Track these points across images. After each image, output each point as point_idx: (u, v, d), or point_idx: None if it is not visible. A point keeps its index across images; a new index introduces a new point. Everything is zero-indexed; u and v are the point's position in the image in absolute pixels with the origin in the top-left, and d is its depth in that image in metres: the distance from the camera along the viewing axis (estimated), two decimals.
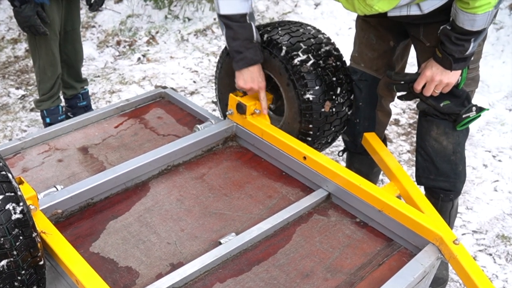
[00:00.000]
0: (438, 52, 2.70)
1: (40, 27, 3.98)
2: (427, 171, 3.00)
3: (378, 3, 2.50)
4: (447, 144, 2.91)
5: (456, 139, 2.90)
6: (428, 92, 2.80)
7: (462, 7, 2.46)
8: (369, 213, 2.57)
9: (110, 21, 7.03)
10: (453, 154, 2.92)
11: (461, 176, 2.99)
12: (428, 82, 2.77)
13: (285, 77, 2.96)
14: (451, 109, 2.82)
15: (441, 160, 2.93)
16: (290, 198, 2.77)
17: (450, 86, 2.76)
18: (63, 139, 3.16)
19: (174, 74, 5.93)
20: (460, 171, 2.97)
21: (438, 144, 2.92)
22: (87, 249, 2.41)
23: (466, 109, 2.80)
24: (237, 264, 2.36)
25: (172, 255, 2.40)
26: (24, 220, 1.97)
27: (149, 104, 3.54)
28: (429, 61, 2.77)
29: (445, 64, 2.68)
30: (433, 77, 2.73)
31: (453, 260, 2.28)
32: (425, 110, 2.91)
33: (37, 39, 4.19)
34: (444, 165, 2.94)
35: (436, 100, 2.84)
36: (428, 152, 2.97)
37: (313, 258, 2.41)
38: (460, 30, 2.55)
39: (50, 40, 4.21)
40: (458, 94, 2.82)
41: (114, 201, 2.70)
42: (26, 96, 5.48)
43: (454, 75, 2.71)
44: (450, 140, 2.90)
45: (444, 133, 2.90)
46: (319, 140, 3.11)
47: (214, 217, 2.62)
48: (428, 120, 2.93)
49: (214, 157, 3.05)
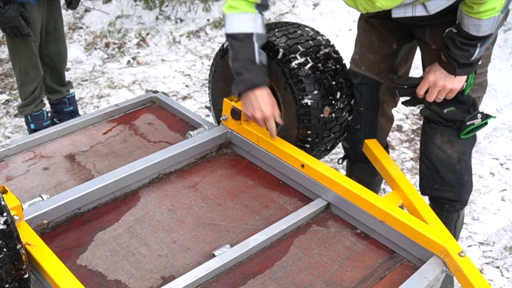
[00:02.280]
0: (442, 56, 2.70)
1: (23, 28, 3.98)
2: (432, 181, 3.00)
3: (381, 0, 2.51)
4: (451, 152, 2.90)
5: (461, 147, 2.89)
6: (430, 97, 2.79)
7: (467, 11, 2.46)
8: (371, 224, 2.58)
9: (98, 22, 7.04)
10: (458, 163, 2.91)
11: (467, 186, 2.98)
12: (431, 87, 2.77)
13: (282, 81, 2.97)
14: (455, 116, 2.81)
15: (446, 169, 2.93)
16: (288, 208, 2.77)
17: (454, 92, 2.75)
18: (49, 146, 3.17)
19: (165, 77, 5.93)
20: (466, 181, 2.96)
21: (443, 152, 2.92)
22: (74, 261, 2.42)
23: (471, 116, 2.80)
24: (232, 278, 2.36)
25: (164, 268, 2.40)
26: (8, 231, 1.97)
27: (139, 109, 3.55)
28: (433, 65, 2.77)
29: (449, 69, 2.68)
30: (436, 82, 2.73)
31: (459, 273, 2.29)
32: (429, 116, 2.90)
33: (16, 41, 4.19)
34: (449, 175, 2.94)
35: (440, 106, 2.83)
36: (432, 161, 2.97)
37: (311, 271, 2.41)
38: (465, 35, 2.55)
39: (31, 41, 4.21)
40: (463, 100, 2.81)
41: (102, 211, 2.70)
42: (10, 101, 5.48)
43: (458, 81, 2.71)
44: (455, 148, 2.89)
45: (449, 141, 2.89)
46: (318, 147, 3.11)
47: (207, 228, 2.62)
48: (432, 127, 2.93)
49: (207, 165, 3.06)
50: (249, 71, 2.77)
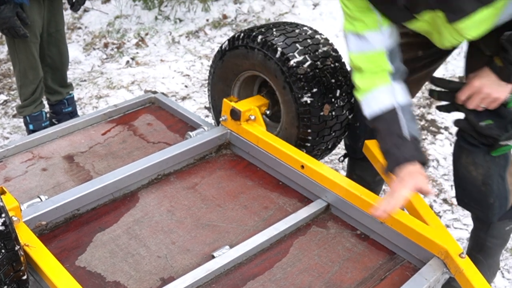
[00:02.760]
0: (498, 61, 2.53)
1: (19, 29, 3.96)
2: (463, 194, 2.98)
3: (470, 31, 2.35)
4: (476, 175, 2.83)
5: (486, 170, 2.81)
6: (472, 104, 2.64)
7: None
8: (371, 225, 2.58)
9: (97, 22, 7.03)
10: (482, 185, 2.84)
11: (494, 208, 2.90)
12: (474, 93, 2.61)
13: (281, 79, 2.97)
14: (491, 131, 2.68)
15: (472, 188, 2.89)
16: (287, 209, 2.77)
17: (497, 102, 2.60)
18: (48, 147, 3.17)
19: (164, 78, 5.93)
20: (491, 203, 2.88)
21: (467, 173, 2.86)
22: (73, 263, 2.42)
23: (507, 135, 2.67)
24: (231, 279, 2.36)
25: (163, 269, 2.40)
26: (6, 233, 1.97)
27: (138, 109, 3.55)
28: (481, 71, 2.61)
29: (503, 75, 2.52)
30: (481, 88, 2.57)
31: (459, 275, 2.29)
32: (462, 128, 2.78)
33: (16, 42, 4.18)
34: (474, 194, 2.89)
35: (478, 117, 2.68)
36: (459, 177, 2.94)
37: (311, 272, 2.41)
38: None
39: (30, 42, 4.20)
40: (503, 114, 2.66)
41: (101, 212, 2.70)
42: (9, 101, 5.47)
43: (505, 91, 2.56)
44: (479, 171, 2.82)
45: (473, 163, 2.82)
46: (318, 146, 3.11)
47: (207, 229, 2.62)
48: (460, 146, 2.87)
49: (207, 165, 3.05)
50: (399, 149, 2.47)
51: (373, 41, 2.52)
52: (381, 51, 2.53)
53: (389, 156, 2.50)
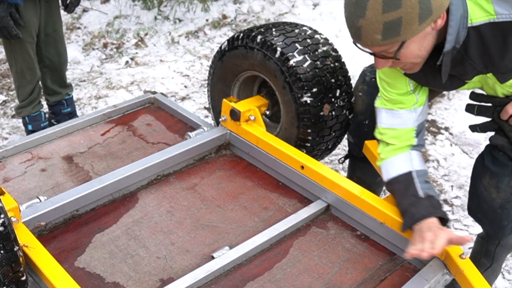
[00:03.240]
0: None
1: (12, 29, 3.94)
2: (476, 208, 2.93)
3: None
4: (496, 197, 2.78)
5: (507, 196, 2.76)
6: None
7: None
8: (371, 226, 2.58)
9: (96, 22, 7.03)
10: (499, 208, 2.81)
11: (505, 230, 2.89)
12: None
13: (280, 79, 2.97)
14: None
15: (488, 208, 2.84)
16: (287, 209, 2.77)
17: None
18: (47, 147, 3.17)
19: (164, 78, 5.93)
20: (505, 225, 2.86)
21: (487, 194, 2.80)
22: (72, 263, 2.42)
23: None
24: (231, 280, 2.36)
25: (162, 270, 2.40)
26: (5, 233, 1.97)
27: (138, 110, 3.55)
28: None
29: None
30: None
31: (460, 275, 2.29)
32: (500, 146, 2.66)
33: (12, 43, 4.18)
34: (490, 213, 2.86)
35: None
36: (477, 194, 2.87)
37: (311, 273, 2.41)
38: None
39: (26, 43, 4.20)
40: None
41: (100, 213, 2.70)
42: (7, 102, 5.47)
43: None
44: (500, 195, 2.77)
45: (496, 187, 2.77)
46: (318, 146, 3.11)
47: (206, 230, 2.62)
48: (485, 166, 2.77)
49: (206, 166, 3.06)
50: (415, 206, 2.48)
51: (406, 119, 2.65)
52: (411, 128, 2.65)
53: (406, 214, 2.49)
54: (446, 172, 4.54)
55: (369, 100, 3.11)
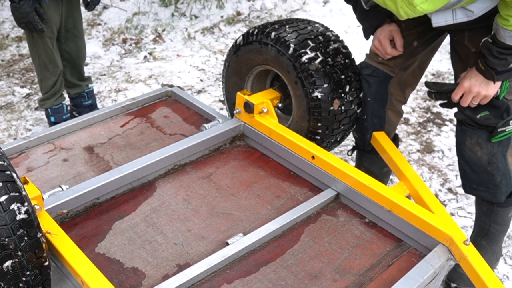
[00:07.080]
0: (480, 65, 2.65)
1: (37, 24, 4.01)
2: (469, 180, 3.00)
3: (422, 4, 2.40)
4: (481, 154, 2.87)
5: (490, 149, 2.86)
6: (465, 103, 2.76)
7: (502, 24, 2.42)
8: (379, 213, 2.57)
9: (116, 18, 7.04)
10: (488, 165, 2.88)
11: (501, 187, 2.95)
12: (465, 93, 2.73)
13: (293, 75, 2.96)
14: (488, 121, 2.78)
15: (478, 170, 2.92)
16: (299, 198, 2.77)
17: (488, 99, 2.71)
18: (69, 138, 3.17)
19: (180, 72, 5.93)
20: (498, 182, 2.93)
21: (473, 154, 2.90)
22: (93, 249, 2.42)
23: (503, 122, 2.76)
24: (245, 265, 2.36)
25: (179, 256, 2.40)
26: (29, 221, 1.97)
27: (156, 102, 3.54)
28: (469, 71, 2.73)
29: (488, 76, 2.64)
30: (471, 88, 2.69)
31: (464, 261, 2.28)
32: (462, 120, 2.88)
33: (34, 37, 4.22)
34: (482, 175, 2.93)
35: (474, 111, 2.80)
36: (466, 162, 2.96)
37: (321, 258, 2.41)
38: (501, 45, 2.51)
39: (47, 37, 4.23)
40: (497, 105, 2.76)
41: (120, 201, 2.71)
42: (31, 94, 5.48)
43: (493, 88, 2.67)
44: (484, 151, 2.87)
45: (478, 144, 2.87)
46: (328, 139, 3.11)
47: (221, 217, 2.62)
48: (463, 130, 2.91)
49: (221, 156, 3.05)
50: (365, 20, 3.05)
51: None
52: None
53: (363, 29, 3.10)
54: (450, 162, 4.53)
55: (366, 97, 3.14)
